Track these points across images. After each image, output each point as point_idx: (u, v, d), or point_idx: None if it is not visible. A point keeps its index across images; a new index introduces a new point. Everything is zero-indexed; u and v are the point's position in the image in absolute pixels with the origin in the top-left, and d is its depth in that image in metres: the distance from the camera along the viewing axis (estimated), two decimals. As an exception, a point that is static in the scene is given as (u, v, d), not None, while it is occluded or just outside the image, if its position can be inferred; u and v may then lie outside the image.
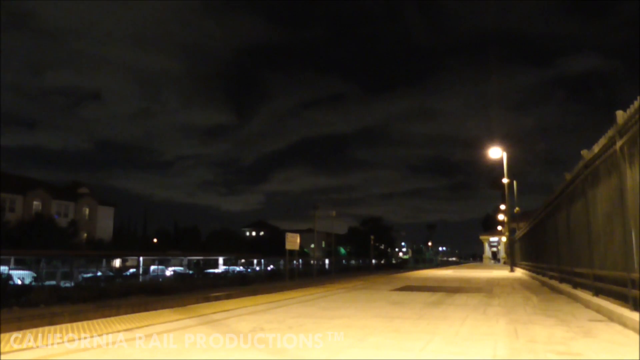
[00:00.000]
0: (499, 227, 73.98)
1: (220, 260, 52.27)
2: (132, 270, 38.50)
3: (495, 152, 27.81)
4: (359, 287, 12.25)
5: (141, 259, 39.96)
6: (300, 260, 52.63)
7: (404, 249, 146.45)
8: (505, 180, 29.77)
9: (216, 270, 46.56)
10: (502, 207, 56.78)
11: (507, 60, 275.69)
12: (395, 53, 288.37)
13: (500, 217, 63.00)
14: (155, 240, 69.64)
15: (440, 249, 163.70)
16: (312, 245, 67.90)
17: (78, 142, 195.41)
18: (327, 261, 69.42)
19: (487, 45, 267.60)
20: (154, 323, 5.44)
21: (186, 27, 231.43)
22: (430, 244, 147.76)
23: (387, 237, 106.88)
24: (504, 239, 67.09)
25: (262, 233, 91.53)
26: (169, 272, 41.46)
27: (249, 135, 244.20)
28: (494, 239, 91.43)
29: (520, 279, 17.17)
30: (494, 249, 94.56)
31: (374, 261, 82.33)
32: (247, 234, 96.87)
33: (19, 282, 25.50)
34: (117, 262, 42.31)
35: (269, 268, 54.70)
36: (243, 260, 55.84)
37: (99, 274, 34.44)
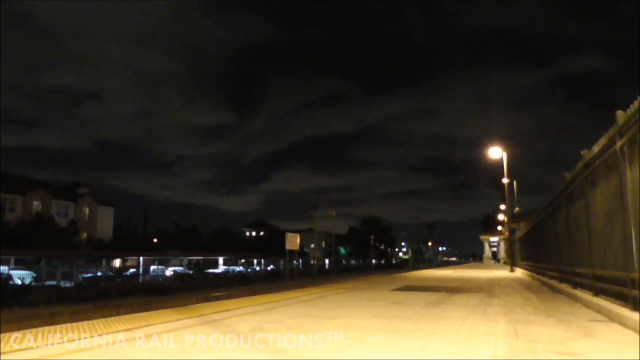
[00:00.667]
0: (499, 227, 74.02)
1: (220, 260, 52.26)
2: (132, 270, 38.48)
3: (495, 152, 27.80)
4: (359, 287, 12.24)
5: (141, 259, 39.96)
6: (300, 260, 52.61)
7: (404, 249, 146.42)
8: (505, 180, 29.77)
9: (216, 270, 46.54)
10: (502, 207, 56.82)
11: (508, 60, 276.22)
12: (395, 53, 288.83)
13: (500, 217, 63.02)
14: (155, 240, 69.65)
15: (440, 249, 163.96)
16: (312, 245, 67.89)
17: (78, 142, 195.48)
18: (327, 261, 69.36)
19: (487, 45, 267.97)
20: (154, 323, 5.44)
21: (186, 26, 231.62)
22: (430, 244, 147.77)
23: (387, 237, 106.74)
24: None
25: (262, 233, 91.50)
26: (169, 272, 41.45)
27: (249, 135, 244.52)
28: (494, 239, 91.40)
29: (520, 279, 17.16)
30: (494, 249, 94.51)
31: (374, 261, 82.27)
32: (247, 234, 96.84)
33: (19, 282, 25.47)
34: (117, 262, 42.31)
35: (269, 268, 54.71)
36: (243, 260, 55.83)
37: (99, 274, 34.43)
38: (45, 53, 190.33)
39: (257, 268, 55.24)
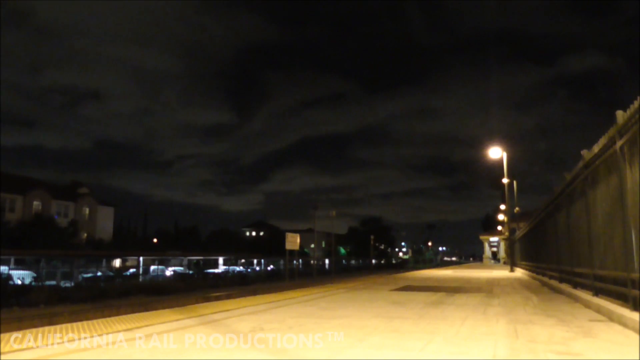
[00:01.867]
0: (499, 227, 74.00)
1: (220, 260, 52.28)
2: (132, 270, 38.49)
3: (496, 152, 27.84)
4: (359, 287, 12.25)
5: (141, 259, 39.99)
6: (300, 260, 52.64)
7: (404, 249, 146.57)
8: (505, 180, 29.78)
9: (216, 270, 46.56)
10: (502, 207, 56.83)
11: (509, 59, 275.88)
12: (396, 52, 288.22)
13: (500, 217, 63.04)
14: (155, 240, 69.70)
15: (440, 249, 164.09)
16: (312, 245, 67.93)
17: (77, 141, 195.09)
18: (327, 261, 69.35)
19: (488, 44, 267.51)
20: (154, 323, 5.44)
21: (186, 25, 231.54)
22: (430, 244, 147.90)
23: (387, 237, 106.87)
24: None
25: (262, 233, 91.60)
26: (169, 272, 41.47)
27: (249, 134, 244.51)
28: (494, 239, 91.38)
29: (520, 279, 17.17)
30: (494, 249, 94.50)
31: (374, 261, 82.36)
32: (247, 234, 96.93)
33: (19, 282, 25.49)
34: (117, 262, 42.32)
35: (269, 268, 54.70)
36: (243, 260, 55.85)
37: (99, 274, 34.44)
38: (44, 52, 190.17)
39: (257, 268, 55.25)
